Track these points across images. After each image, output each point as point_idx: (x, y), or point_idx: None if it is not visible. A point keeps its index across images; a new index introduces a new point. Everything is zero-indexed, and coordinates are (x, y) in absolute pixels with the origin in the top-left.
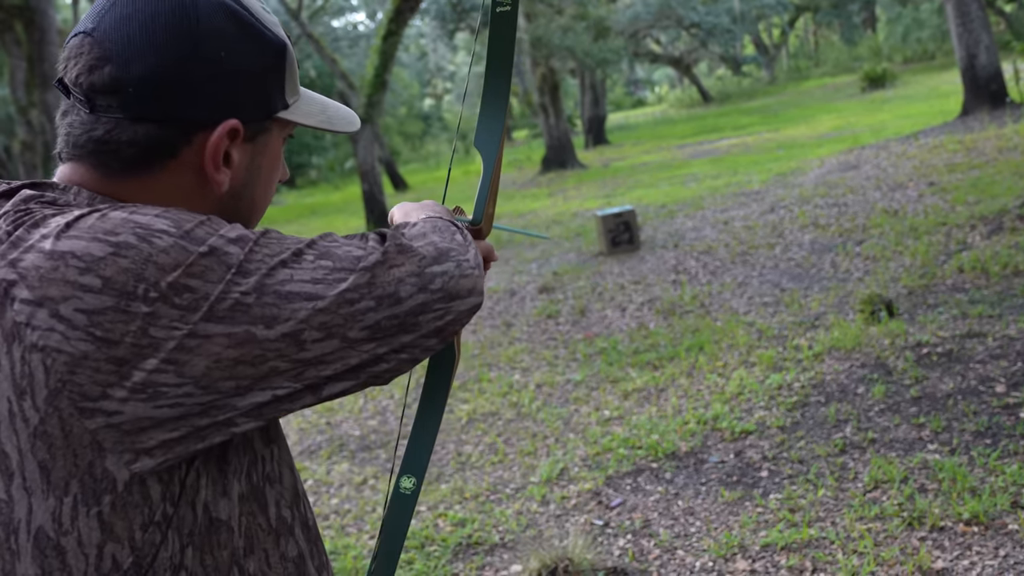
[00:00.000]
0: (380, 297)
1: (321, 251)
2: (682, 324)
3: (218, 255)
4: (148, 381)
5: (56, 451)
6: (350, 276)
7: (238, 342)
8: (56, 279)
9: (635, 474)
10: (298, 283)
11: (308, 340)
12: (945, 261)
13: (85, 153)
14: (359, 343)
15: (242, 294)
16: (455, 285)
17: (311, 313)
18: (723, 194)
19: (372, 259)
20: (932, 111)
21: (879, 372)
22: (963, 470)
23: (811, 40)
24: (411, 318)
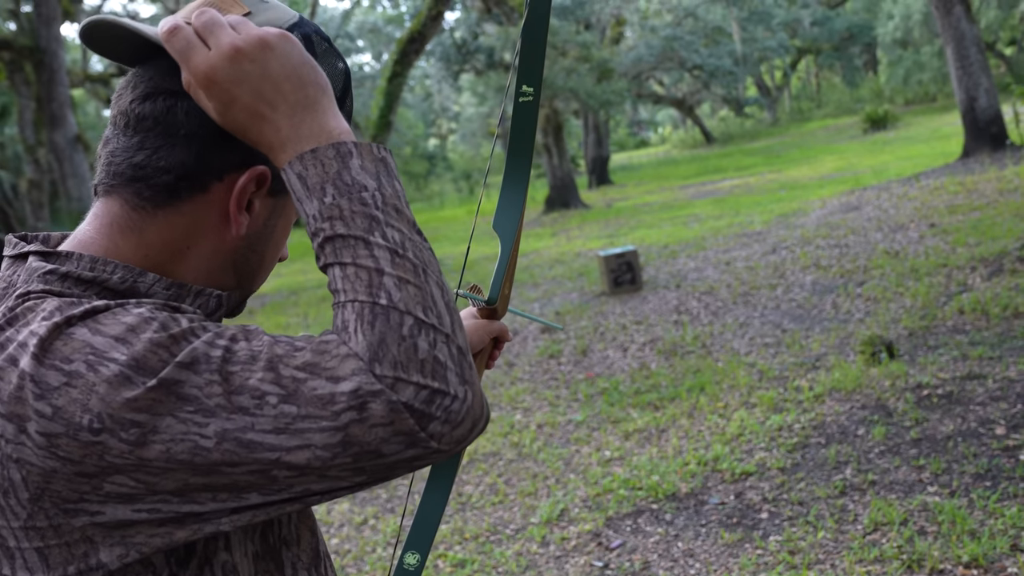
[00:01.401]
0: (358, 455)
1: (286, 393)
2: (683, 364)
3: (170, 388)
4: (120, 492)
5: (49, 541)
6: (319, 423)
7: (203, 473)
8: (20, 399)
9: (635, 515)
10: (259, 433)
11: (279, 477)
12: (946, 302)
13: (123, 181)
14: (341, 479)
15: (202, 437)
16: (447, 443)
17: (277, 460)
18: (725, 235)
19: (348, 418)
20: (933, 153)
21: (879, 414)
22: (963, 512)
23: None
24: (398, 467)
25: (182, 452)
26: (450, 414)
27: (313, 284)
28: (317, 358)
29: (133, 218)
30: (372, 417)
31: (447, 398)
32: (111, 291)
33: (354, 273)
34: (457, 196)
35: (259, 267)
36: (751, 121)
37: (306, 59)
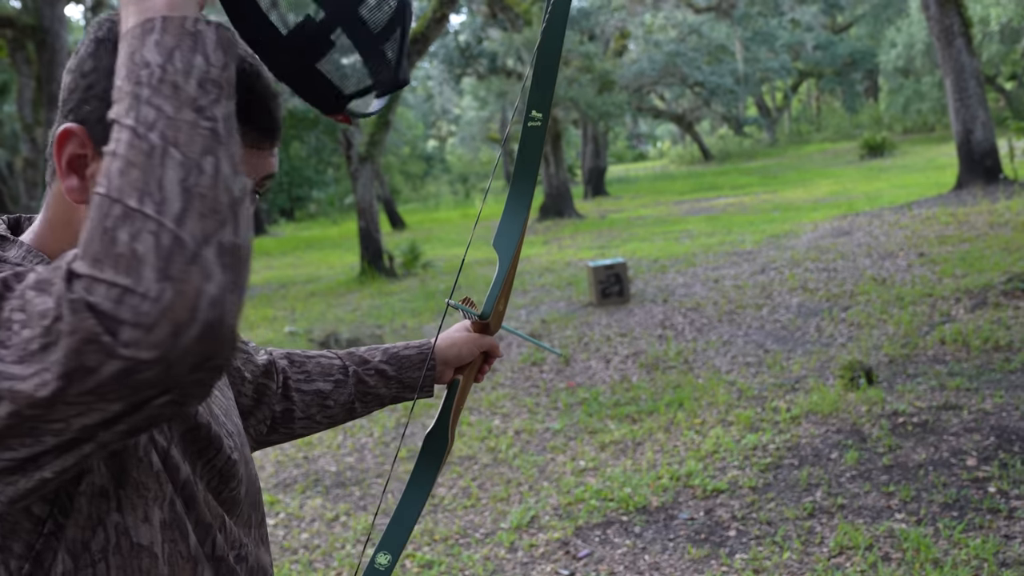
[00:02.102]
0: (83, 372)
1: (26, 315)
2: (664, 379)
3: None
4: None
5: None
6: (43, 353)
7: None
8: None
9: (605, 526)
10: (7, 364)
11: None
12: (928, 332)
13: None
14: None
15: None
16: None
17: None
18: (716, 252)
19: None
20: (928, 182)
21: (854, 438)
22: (928, 541)
23: (813, 105)
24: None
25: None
26: (139, 316)
27: (303, 278)
28: (49, 273)
29: (50, 193)
30: (69, 324)
31: (135, 297)
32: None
33: (103, 164)
34: (452, 199)
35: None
36: (750, 141)
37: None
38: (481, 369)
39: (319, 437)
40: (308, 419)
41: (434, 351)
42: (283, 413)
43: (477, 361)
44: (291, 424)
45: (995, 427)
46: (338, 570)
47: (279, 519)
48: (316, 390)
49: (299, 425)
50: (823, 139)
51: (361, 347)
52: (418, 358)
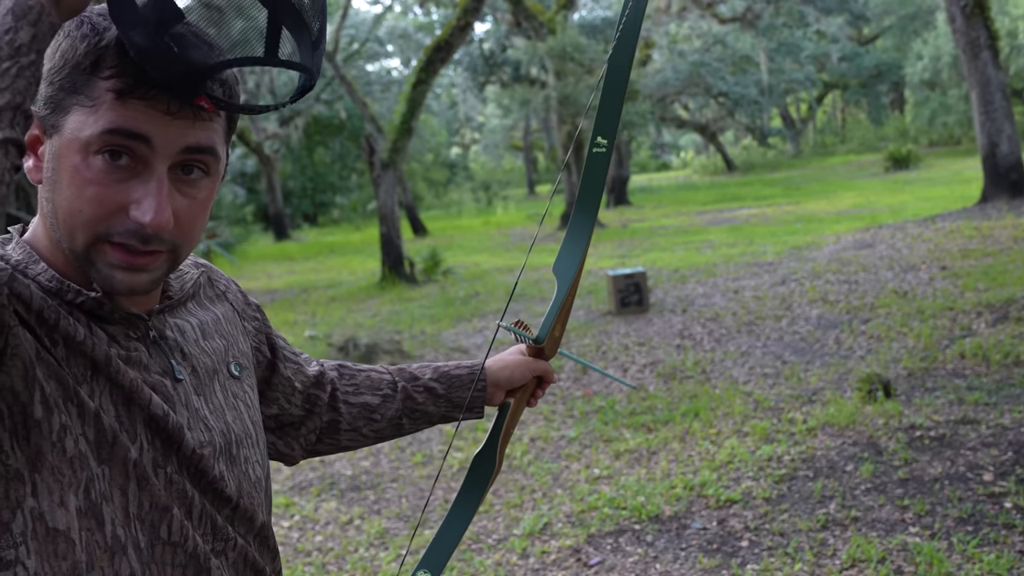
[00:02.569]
0: None
1: None
2: (681, 389)
3: None
4: None
5: None
6: None
7: None
8: None
9: (617, 534)
10: None
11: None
12: (948, 346)
13: None
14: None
15: None
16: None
17: None
18: (737, 263)
19: None
20: (952, 195)
21: (870, 451)
22: (941, 555)
23: (838, 117)
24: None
25: None
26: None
27: (324, 283)
28: None
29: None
30: None
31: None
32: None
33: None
34: (475, 206)
35: (58, 217)
36: (774, 152)
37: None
38: (534, 394)
39: None
40: (354, 431)
41: (484, 372)
42: (329, 423)
43: (530, 385)
44: (336, 435)
45: (1013, 442)
46: (351, 573)
47: (294, 521)
48: (363, 403)
49: (345, 437)
50: (848, 151)
51: (413, 363)
52: (468, 378)
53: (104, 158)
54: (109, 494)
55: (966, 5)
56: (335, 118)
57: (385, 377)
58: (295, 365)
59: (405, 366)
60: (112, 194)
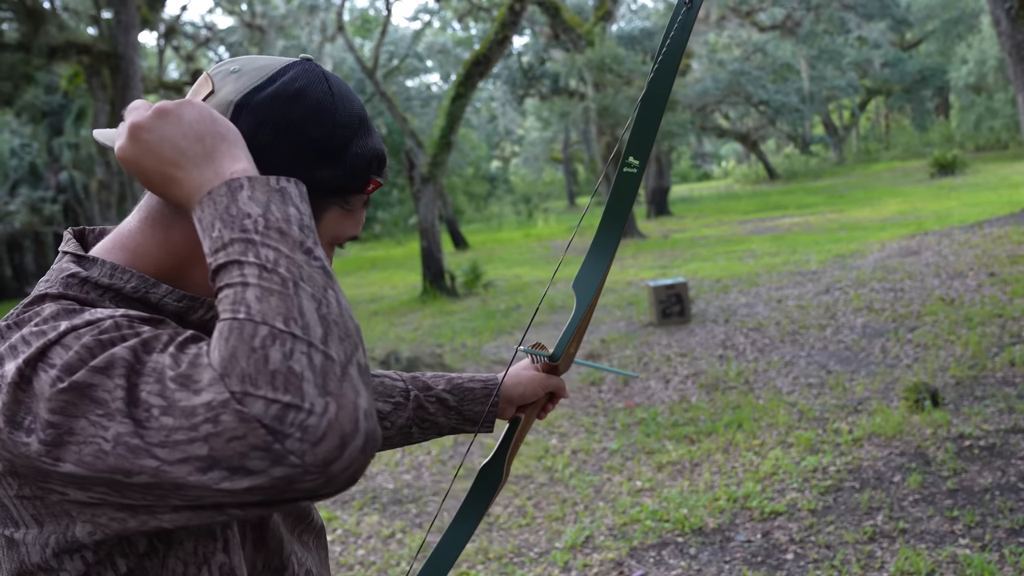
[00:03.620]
0: (230, 468)
1: (167, 403)
2: (724, 400)
3: (83, 391)
4: (64, 488)
5: (40, 509)
6: (189, 445)
7: (116, 475)
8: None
9: (660, 547)
10: (148, 445)
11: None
12: (997, 353)
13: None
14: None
15: (104, 440)
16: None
17: (161, 471)
18: (779, 272)
19: (206, 431)
20: (1000, 201)
21: (917, 461)
22: (992, 567)
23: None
24: (278, 486)
25: (88, 455)
26: (306, 430)
27: (366, 298)
28: (190, 370)
29: (165, 213)
30: (226, 430)
31: (301, 412)
32: (125, 297)
33: (226, 295)
34: (515, 219)
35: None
36: (816, 159)
37: (203, 114)
38: (544, 407)
39: (378, 455)
40: None
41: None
42: None
43: (541, 400)
44: None
45: None
46: None
47: (336, 535)
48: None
49: None
50: (892, 157)
51: (427, 372)
52: (482, 392)
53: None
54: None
55: (1011, 7)
56: None
57: (398, 384)
58: None
59: (419, 374)
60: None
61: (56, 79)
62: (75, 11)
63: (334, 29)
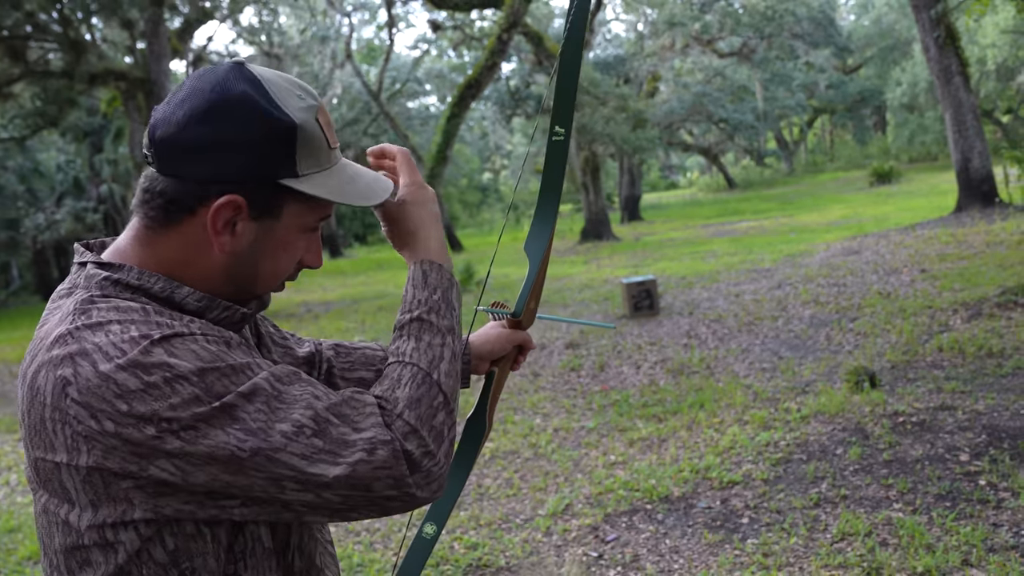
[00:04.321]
0: (354, 486)
1: (319, 427)
2: (688, 383)
3: (230, 412)
4: (159, 478)
5: (100, 495)
6: (335, 460)
7: (231, 472)
8: (99, 395)
9: (631, 513)
10: (288, 454)
11: (288, 488)
12: (927, 340)
13: (137, 204)
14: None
15: (239, 450)
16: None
17: (290, 479)
18: (737, 270)
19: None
20: (931, 206)
21: (857, 436)
22: (922, 528)
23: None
24: (379, 501)
25: (222, 455)
26: (431, 472)
27: (372, 295)
28: (348, 410)
29: (148, 233)
30: (377, 460)
31: (435, 460)
32: (153, 297)
33: (426, 348)
34: None
35: (254, 279)
36: (769, 170)
37: (435, 199)
38: (516, 360)
39: None
40: None
41: (469, 346)
42: None
43: (511, 354)
44: None
45: (987, 426)
46: (395, 550)
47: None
48: (359, 378)
49: None
50: (836, 168)
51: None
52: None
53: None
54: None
55: (939, 36)
56: None
57: (379, 353)
58: (282, 349)
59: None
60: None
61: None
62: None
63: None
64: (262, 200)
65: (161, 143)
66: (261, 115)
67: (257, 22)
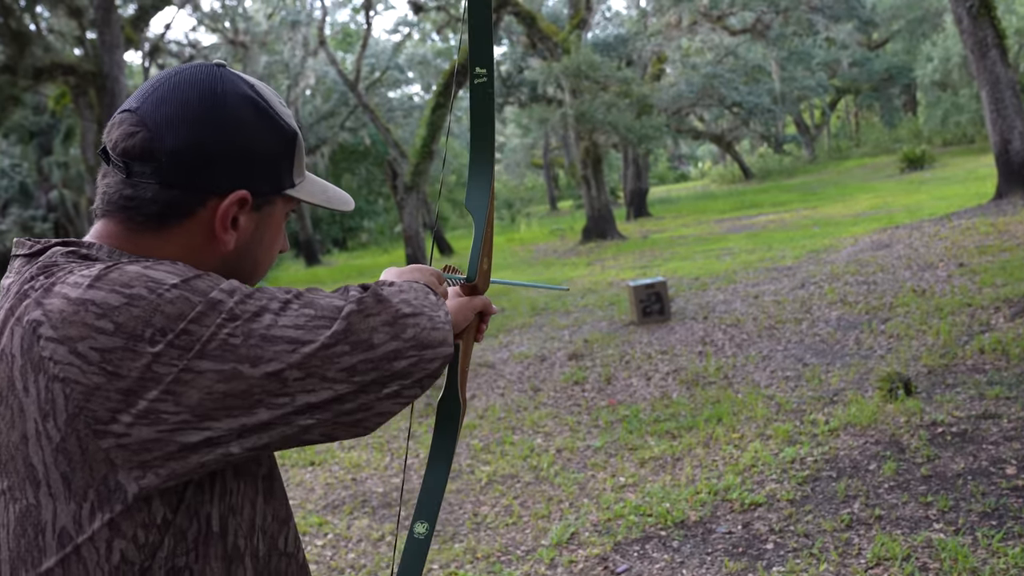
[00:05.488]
0: (355, 343)
1: (305, 301)
2: (704, 395)
3: (214, 304)
4: (150, 409)
5: (75, 465)
6: (331, 324)
7: (226, 377)
8: (76, 322)
9: (643, 541)
10: (282, 328)
11: (290, 379)
12: (967, 342)
13: (115, 208)
14: (336, 383)
15: (230, 335)
16: (427, 336)
17: (292, 354)
18: (756, 269)
19: (349, 308)
20: (968, 193)
21: (892, 449)
22: (965, 550)
23: (852, 121)
24: (385, 363)
25: (215, 349)
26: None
27: None
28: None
29: (130, 236)
30: (366, 308)
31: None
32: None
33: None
34: (499, 224)
35: (253, 270)
36: (789, 158)
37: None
38: (479, 329)
39: (367, 459)
40: None
41: None
42: None
43: (474, 323)
44: None
45: None
46: None
47: (327, 540)
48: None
49: None
50: (862, 154)
51: None
52: None
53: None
54: (239, 506)
55: (972, 6)
56: (360, 144)
57: None
58: None
59: None
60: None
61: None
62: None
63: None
64: (262, 197)
65: (175, 154)
66: (274, 122)
67: (220, 7)
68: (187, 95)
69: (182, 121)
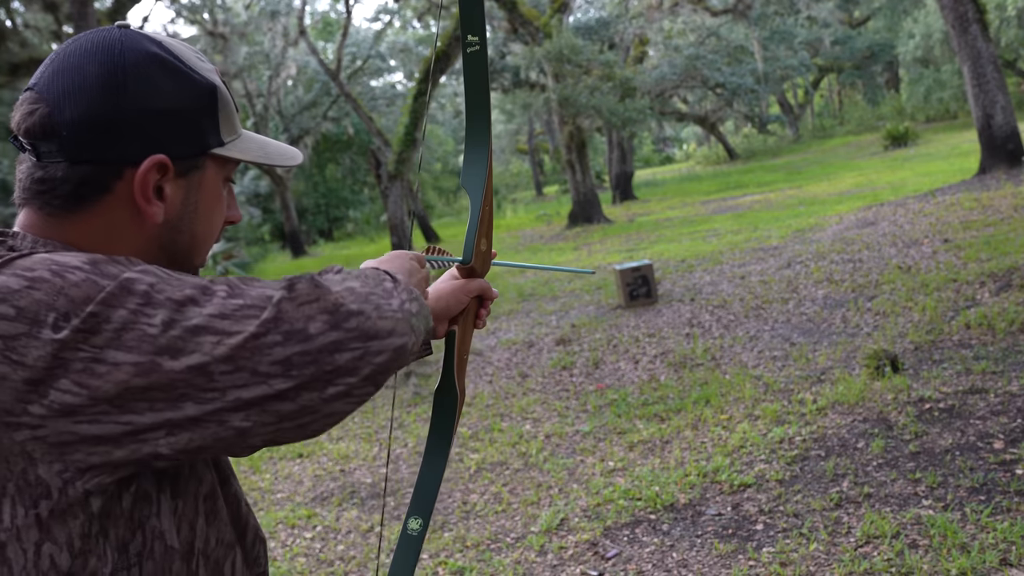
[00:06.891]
0: (288, 332)
1: (234, 290)
2: (692, 377)
3: (125, 285)
4: (62, 400)
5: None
6: (261, 313)
7: (144, 371)
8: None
9: (633, 525)
10: (206, 317)
11: (216, 372)
12: (953, 317)
13: (31, 195)
14: (271, 378)
15: (148, 324)
16: (371, 325)
17: (217, 346)
18: (742, 249)
19: (280, 295)
20: (951, 169)
21: (880, 427)
22: (955, 526)
23: (835, 100)
24: (325, 356)
25: (131, 339)
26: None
27: None
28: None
29: (51, 223)
30: (299, 295)
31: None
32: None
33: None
34: None
35: (191, 245)
36: (773, 138)
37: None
38: (478, 314)
39: (355, 450)
40: None
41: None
42: None
43: (472, 307)
44: None
45: (1022, 409)
46: None
47: (316, 532)
48: None
49: None
50: (846, 132)
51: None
52: None
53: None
54: (178, 528)
55: None
56: (343, 134)
57: None
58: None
59: None
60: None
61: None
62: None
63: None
64: (186, 160)
65: (76, 126)
66: (186, 78)
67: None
68: (82, 61)
69: (79, 89)
